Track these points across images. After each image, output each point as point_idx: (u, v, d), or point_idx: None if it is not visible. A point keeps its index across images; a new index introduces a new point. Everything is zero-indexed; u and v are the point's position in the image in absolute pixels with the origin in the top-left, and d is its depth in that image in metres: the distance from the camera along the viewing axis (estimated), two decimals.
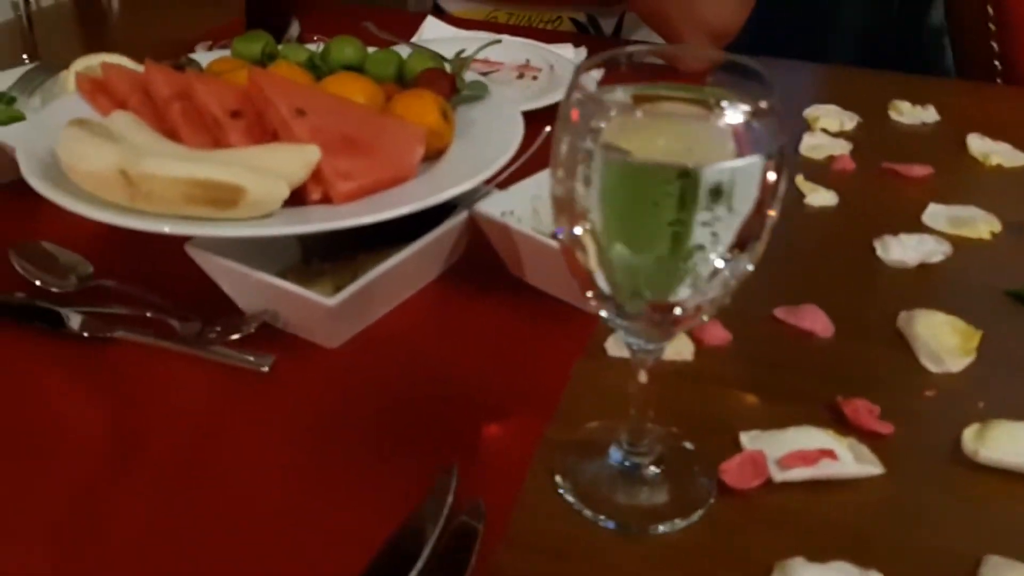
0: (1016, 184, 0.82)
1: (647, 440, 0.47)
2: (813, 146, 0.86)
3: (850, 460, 0.48)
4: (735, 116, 0.35)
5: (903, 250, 0.69)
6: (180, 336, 0.56)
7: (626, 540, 0.45)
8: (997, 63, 1.19)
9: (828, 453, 0.48)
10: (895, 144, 0.88)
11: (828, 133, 0.89)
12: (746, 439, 0.50)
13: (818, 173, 0.81)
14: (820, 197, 0.76)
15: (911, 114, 0.93)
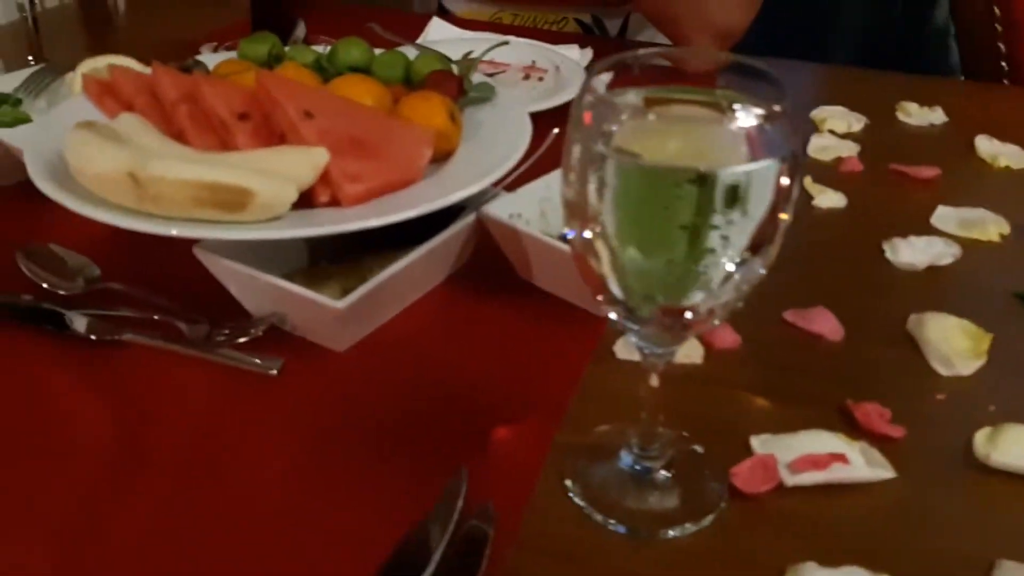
0: None
1: (658, 444, 0.47)
2: (821, 147, 0.85)
3: (861, 464, 0.48)
4: (749, 119, 0.35)
5: (912, 252, 0.68)
6: (188, 339, 0.56)
7: (636, 544, 0.45)
8: (1004, 64, 1.18)
9: (839, 457, 0.48)
10: (903, 145, 0.88)
11: (835, 134, 0.88)
12: (757, 443, 0.50)
13: (826, 175, 0.81)
14: (828, 199, 0.76)
15: (919, 115, 0.93)
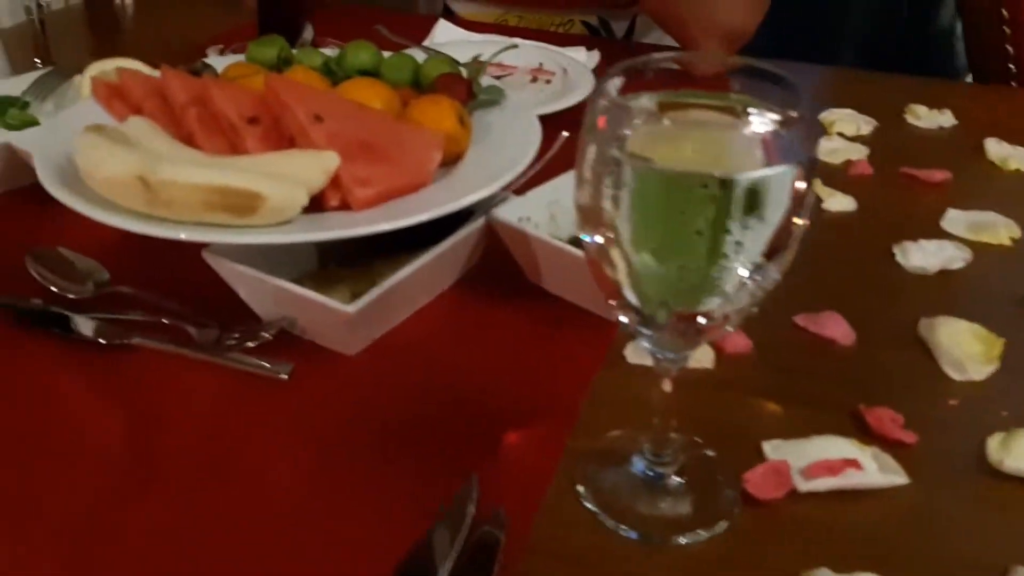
0: None
1: (670, 449, 0.47)
2: (830, 150, 0.85)
3: (874, 470, 0.48)
4: (764, 124, 0.35)
5: (923, 256, 0.68)
6: (197, 343, 0.56)
7: (648, 550, 0.45)
8: (1012, 66, 1.18)
9: (852, 463, 0.48)
10: (912, 148, 0.88)
11: (845, 137, 0.88)
12: (769, 448, 0.49)
13: (835, 178, 0.80)
14: (838, 202, 0.76)
15: (928, 118, 0.93)
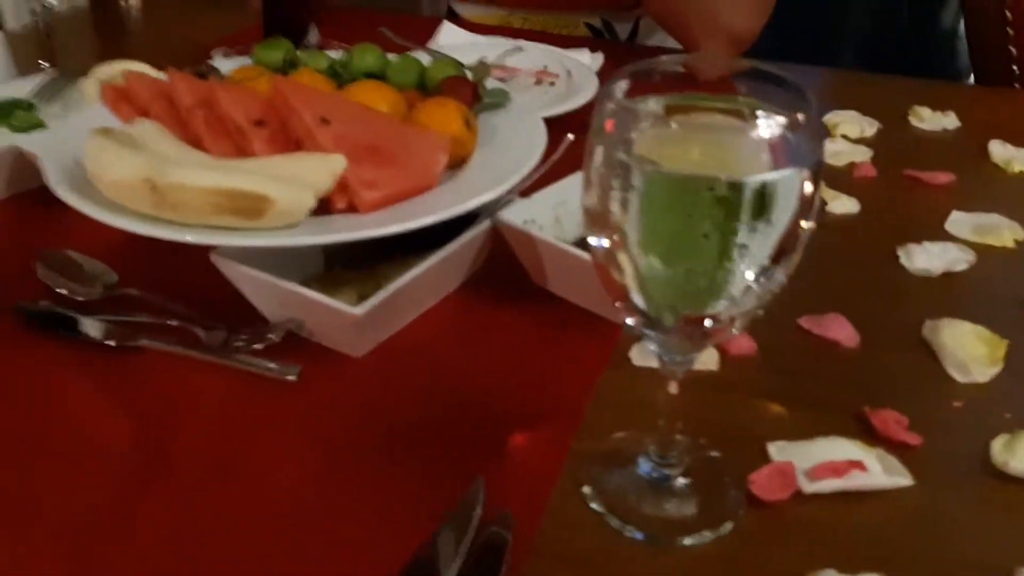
0: None
1: (676, 451, 0.47)
2: (834, 152, 0.85)
3: (879, 471, 0.48)
4: (773, 128, 0.35)
5: (927, 258, 0.68)
6: (205, 345, 0.56)
7: (654, 551, 0.45)
8: (1015, 67, 1.18)
9: (857, 464, 0.48)
10: (916, 151, 0.88)
11: (848, 139, 0.88)
12: (774, 450, 0.50)
13: (839, 180, 0.81)
14: (842, 204, 0.76)
15: (932, 120, 0.93)
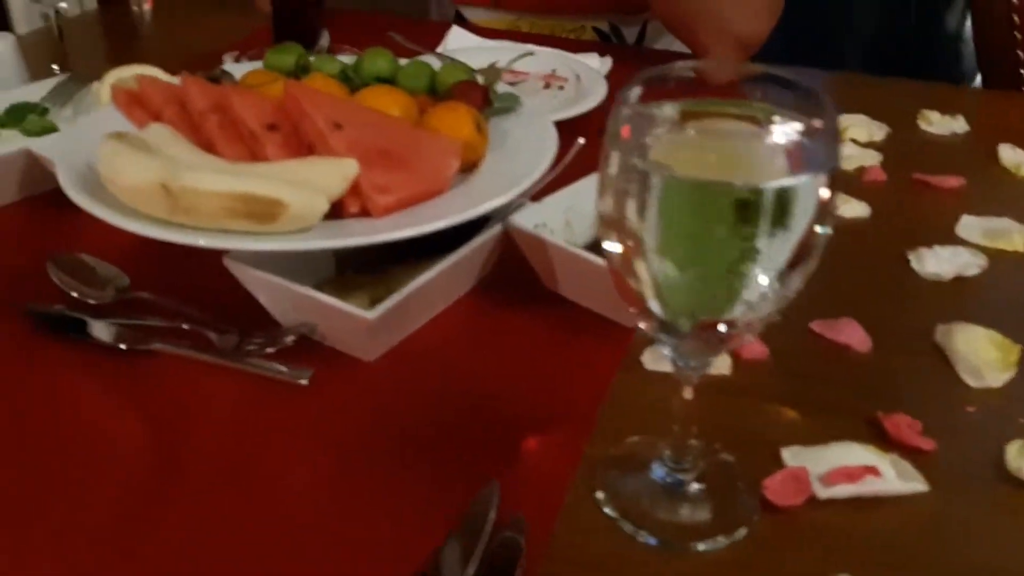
0: None
1: (690, 456, 0.47)
2: (843, 156, 0.85)
3: (893, 477, 0.48)
4: (789, 133, 0.35)
5: (938, 262, 0.68)
6: (218, 348, 0.56)
7: (668, 556, 0.45)
8: (1023, 71, 1.18)
9: (872, 470, 0.48)
10: (925, 154, 0.88)
11: (857, 143, 0.88)
12: (788, 455, 0.50)
13: (849, 184, 0.80)
14: (852, 208, 0.76)
15: (940, 124, 0.92)
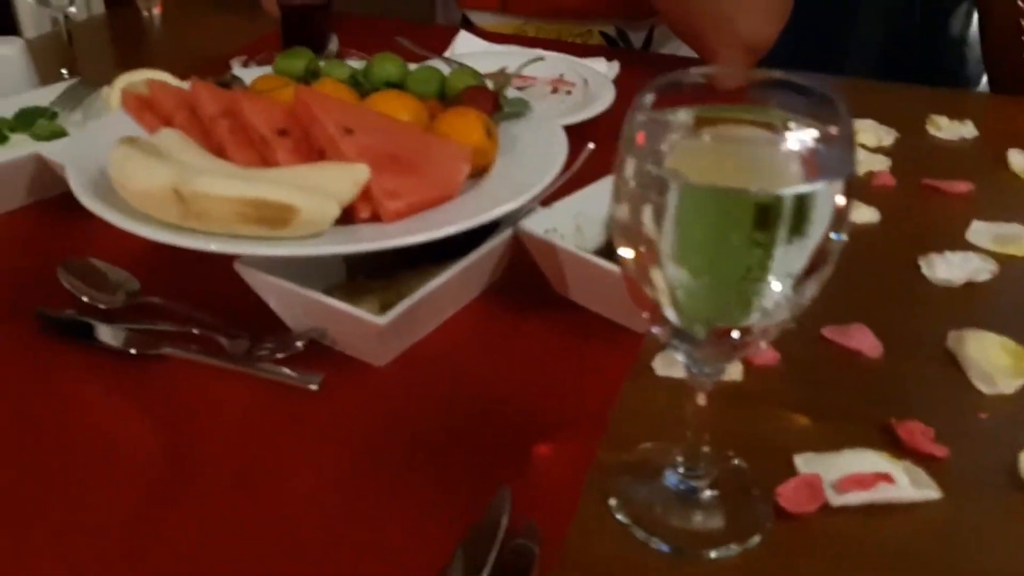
0: None
1: (703, 463, 0.47)
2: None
3: (907, 484, 0.48)
4: (806, 140, 0.35)
5: (948, 268, 0.68)
6: (228, 353, 0.56)
7: (680, 564, 0.45)
8: None
9: (885, 477, 0.48)
10: (934, 160, 0.88)
11: (866, 148, 0.88)
12: (800, 462, 0.49)
13: (859, 189, 0.80)
14: (862, 214, 0.76)
15: (949, 129, 0.92)
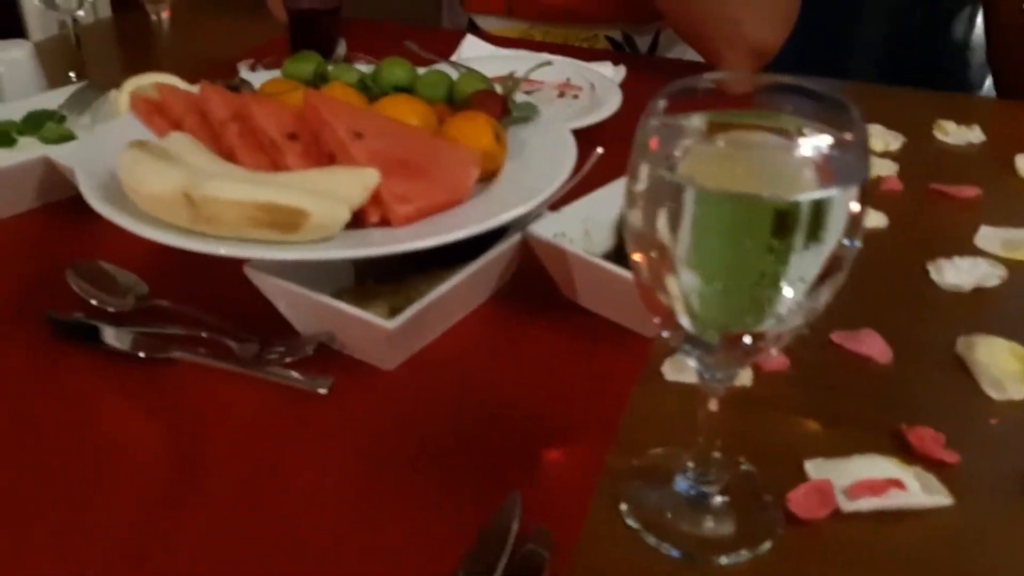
0: None
1: (714, 468, 0.47)
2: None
3: (918, 490, 0.48)
4: (821, 146, 0.35)
5: (957, 273, 0.68)
6: (238, 357, 0.56)
7: (691, 569, 0.44)
8: None
9: (896, 483, 0.48)
10: (941, 165, 0.88)
11: (874, 153, 0.88)
12: (811, 467, 0.49)
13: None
14: (870, 219, 0.76)
15: (957, 134, 0.92)
